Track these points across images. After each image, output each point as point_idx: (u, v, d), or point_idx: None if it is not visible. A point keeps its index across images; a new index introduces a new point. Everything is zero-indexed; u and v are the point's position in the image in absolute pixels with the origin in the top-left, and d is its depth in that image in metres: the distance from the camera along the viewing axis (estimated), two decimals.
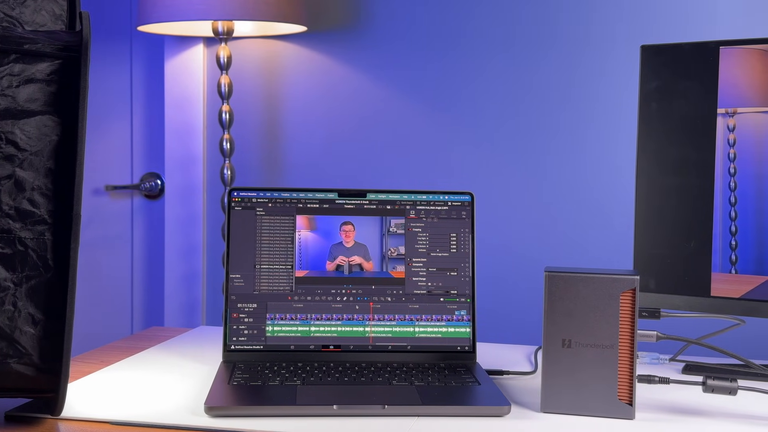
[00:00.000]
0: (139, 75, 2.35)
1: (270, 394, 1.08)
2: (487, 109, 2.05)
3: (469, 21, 2.05)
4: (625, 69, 1.93)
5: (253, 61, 2.21)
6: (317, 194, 1.28)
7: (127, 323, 2.41)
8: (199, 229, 2.28)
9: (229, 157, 2.10)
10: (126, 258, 2.39)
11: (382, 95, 2.12)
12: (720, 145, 1.31)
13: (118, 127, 2.37)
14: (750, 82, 1.30)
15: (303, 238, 1.27)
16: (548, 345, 1.06)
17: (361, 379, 1.14)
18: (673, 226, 1.33)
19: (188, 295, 2.29)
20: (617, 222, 1.93)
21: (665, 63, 1.34)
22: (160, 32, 2.11)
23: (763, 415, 1.07)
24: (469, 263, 1.27)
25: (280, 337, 1.24)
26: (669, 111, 1.34)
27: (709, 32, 1.87)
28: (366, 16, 2.12)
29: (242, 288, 1.25)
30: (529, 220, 2.03)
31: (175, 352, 1.36)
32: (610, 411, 1.05)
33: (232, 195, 1.27)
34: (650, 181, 1.35)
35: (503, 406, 1.05)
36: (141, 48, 2.34)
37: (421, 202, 1.28)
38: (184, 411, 1.05)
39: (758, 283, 1.29)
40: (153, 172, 2.36)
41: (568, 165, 2.00)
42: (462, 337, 1.25)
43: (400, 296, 1.26)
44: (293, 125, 2.19)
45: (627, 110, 1.93)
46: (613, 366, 1.05)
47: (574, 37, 1.97)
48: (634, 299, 1.05)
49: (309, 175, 2.19)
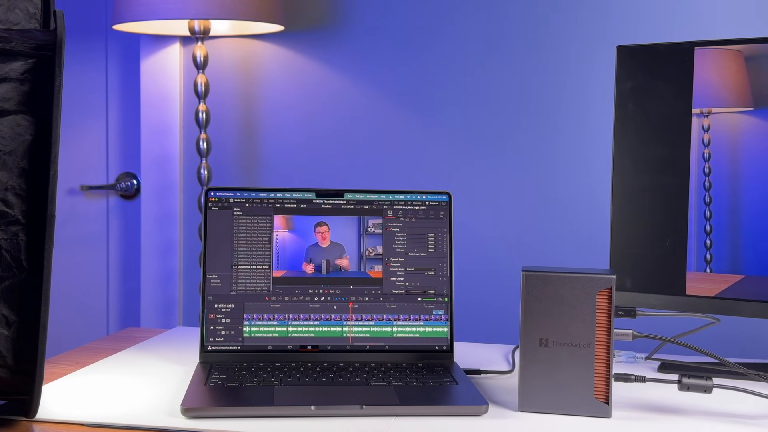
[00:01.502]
0: (114, 74, 2.33)
1: (247, 395, 1.08)
2: (465, 109, 2.05)
3: (447, 20, 2.05)
4: (602, 69, 1.94)
5: (230, 61, 2.20)
6: (294, 194, 1.28)
7: (102, 324, 2.39)
8: (176, 229, 2.26)
9: (205, 157, 2.09)
10: (101, 259, 2.37)
11: (359, 95, 2.12)
12: (695, 145, 1.32)
13: (94, 126, 2.35)
14: (724, 82, 1.31)
15: (280, 238, 1.27)
16: (525, 344, 1.07)
17: (338, 380, 1.14)
18: (649, 225, 1.34)
19: (164, 296, 2.27)
20: (594, 221, 1.94)
21: (640, 63, 1.35)
22: (135, 31, 2.10)
23: (737, 412, 1.08)
24: (447, 263, 1.28)
25: (258, 337, 1.24)
26: (644, 111, 1.35)
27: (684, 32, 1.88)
28: (344, 15, 2.12)
29: (219, 288, 1.25)
30: (506, 220, 2.04)
31: (152, 353, 1.35)
32: (586, 409, 1.05)
33: (209, 195, 1.27)
34: (626, 181, 1.36)
35: (481, 405, 1.05)
36: (116, 47, 2.32)
37: (398, 202, 1.28)
38: (160, 412, 1.04)
39: (732, 282, 1.30)
40: (129, 171, 2.34)
41: (545, 165, 2.01)
42: (440, 337, 1.26)
43: (377, 296, 1.26)
44: (270, 125, 2.19)
45: (604, 110, 1.94)
46: (590, 365, 1.05)
47: (552, 37, 1.98)
48: (610, 298, 1.05)
49: (286, 175, 2.18)
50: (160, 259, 2.27)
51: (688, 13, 1.89)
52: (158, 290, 2.28)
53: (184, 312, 2.28)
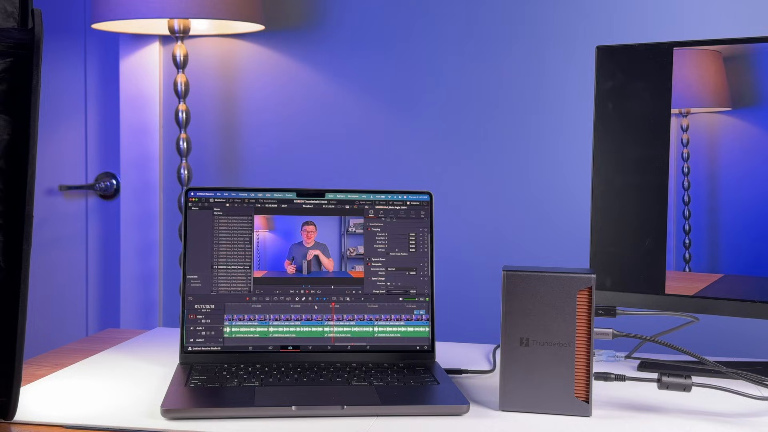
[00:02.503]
0: (93, 73, 2.32)
1: (228, 396, 1.07)
2: (446, 109, 2.05)
3: (427, 20, 2.05)
4: (581, 69, 1.95)
5: (210, 60, 2.19)
6: (275, 194, 1.27)
7: (81, 325, 2.37)
8: (156, 230, 2.25)
9: (185, 157, 2.08)
10: (80, 259, 2.36)
11: (340, 94, 2.12)
12: (674, 144, 1.33)
13: (72, 126, 2.33)
14: (703, 82, 1.32)
15: (261, 238, 1.26)
16: (506, 344, 1.07)
17: (320, 380, 1.14)
18: (629, 224, 1.35)
19: (144, 297, 2.26)
20: (574, 221, 1.95)
21: (620, 64, 1.35)
22: (114, 30, 2.08)
23: (716, 411, 1.09)
24: (428, 263, 1.28)
25: (238, 338, 1.23)
26: (624, 111, 1.36)
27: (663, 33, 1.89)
28: (324, 15, 2.12)
29: (199, 289, 1.24)
30: (487, 219, 2.04)
31: (131, 354, 1.34)
32: (567, 408, 1.06)
33: (189, 195, 1.26)
34: (606, 181, 1.37)
35: (462, 405, 1.05)
36: (95, 46, 2.31)
37: (379, 202, 1.28)
38: (140, 414, 1.04)
39: (711, 281, 1.31)
40: (108, 171, 2.33)
41: (526, 165, 2.01)
42: (421, 337, 1.26)
43: (359, 296, 1.26)
44: (251, 124, 2.18)
45: (584, 110, 1.95)
46: (570, 364, 1.06)
47: (532, 37, 1.99)
48: (590, 297, 1.06)
49: (267, 175, 2.17)
50: (139, 260, 2.26)
51: (667, 14, 1.90)
52: (138, 291, 2.26)
53: (164, 313, 2.27)
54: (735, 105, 1.29)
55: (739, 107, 1.29)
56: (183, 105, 2.06)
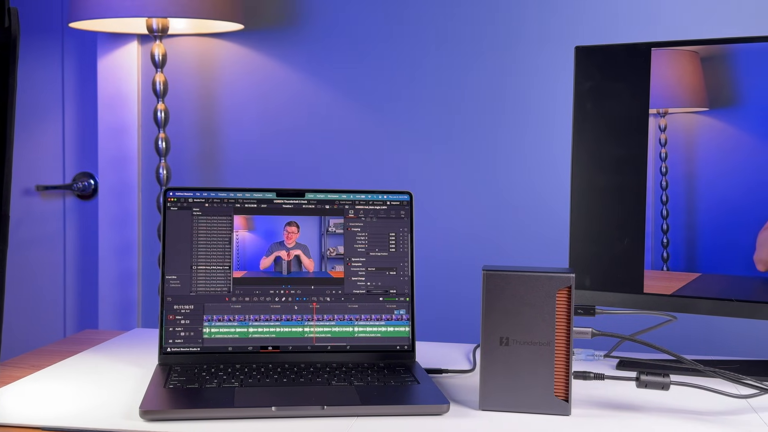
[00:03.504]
0: (71, 73, 2.30)
1: (207, 397, 1.07)
2: (425, 108, 2.05)
3: (405, 20, 2.05)
4: (560, 69, 1.96)
5: (189, 59, 2.18)
6: (255, 194, 1.27)
7: (59, 326, 2.36)
8: (134, 230, 2.24)
9: (164, 157, 2.07)
10: (58, 259, 2.34)
11: (319, 94, 2.11)
12: (652, 144, 1.34)
13: (50, 126, 2.31)
14: (680, 82, 1.33)
15: (241, 238, 1.26)
16: (486, 343, 1.07)
17: (300, 380, 1.14)
18: (607, 224, 1.36)
19: (123, 297, 2.25)
20: (553, 220, 1.96)
21: (598, 64, 1.36)
22: (92, 29, 2.07)
23: (694, 409, 1.10)
24: (408, 262, 1.28)
25: (218, 338, 1.23)
26: (603, 111, 1.36)
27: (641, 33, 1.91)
28: (303, 14, 2.11)
29: (178, 289, 1.24)
30: (467, 219, 2.05)
31: (110, 355, 1.33)
32: (546, 407, 1.06)
33: (168, 195, 1.25)
34: (585, 180, 1.37)
35: (442, 404, 1.06)
36: (73, 45, 2.29)
37: (359, 202, 1.28)
38: (118, 415, 1.03)
39: (689, 280, 1.32)
40: (86, 171, 2.31)
41: (505, 164, 2.02)
42: (401, 337, 1.26)
43: (339, 296, 1.26)
44: (230, 124, 2.17)
45: (563, 110, 1.95)
46: (550, 363, 1.06)
47: (510, 37, 1.99)
48: (569, 297, 1.06)
49: (246, 175, 2.17)
50: (118, 260, 2.24)
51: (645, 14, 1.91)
52: (116, 291, 2.25)
53: (142, 313, 2.26)
54: (712, 105, 1.30)
55: (716, 107, 1.30)
56: (162, 104, 2.05)
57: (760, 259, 1.27)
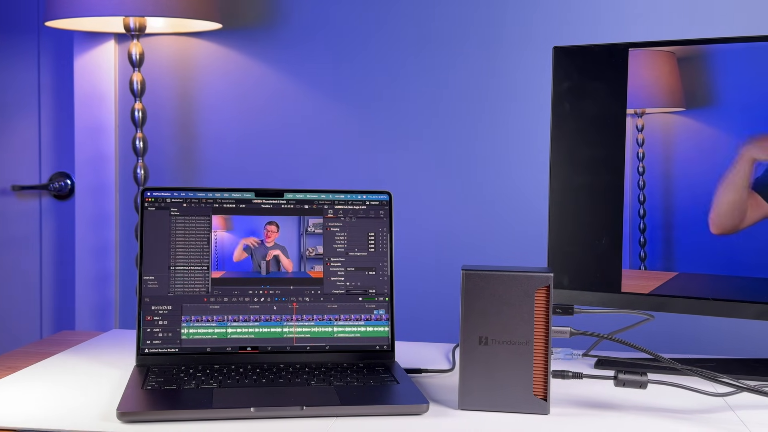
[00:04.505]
0: (47, 72, 2.28)
1: (185, 398, 1.06)
2: (404, 108, 2.05)
3: (385, 19, 2.05)
4: (540, 68, 1.97)
5: (167, 58, 2.17)
6: (233, 194, 1.27)
7: (35, 327, 2.34)
8: (112, 230, 2.22)
9: (142, 156, 2.05)
10: (34, 260, 2.32)
11: (298, 93, 2.11)
12: (629, 144, 1.35)
13: (26, 125, 2.29)
14: (657, 83, 1.33)
15: (219, 238, 1.25)
16: (465, 343, 1.07)
17: (279, 381, 1.13)
18: (585, 223, 1.36)
19: (100, 298, 2.23)
20: (532, 220, 1.97)
21: (576, 64, 1.37)
22: (69, 28, 2.05)
23: (671, 407, 1.11)
24: (387, 262, 1.28)
25: (196, 339, 1.22)
26: (581, 111, 1.37)
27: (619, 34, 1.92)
28: (282, 13, 2.10)
29: (156, 290, 1.23)
30: (446, 219, 2.05)
31: (87, 356, 1.32)
32: (525, 406, 1.06)
33: (146, 195, 1.25)
34: (563, 180, 1.38)
35: (421, 404, 1.06)
36: (49, 44, 2.27)
37: (339, 202, 1.28)
38: (95, 417, 1.02)
39: (666, 279, 1.33)
40: (62, 171, 2.29)
41: (485, 164, 2.02)
42: (380, 336, 1.26)
43: (318, 296, 1.26)
44: (208, 124, 2.16)
45: (541, 110, 1.96)
46: (529, 362, 1.06)
47: (489, 37, 2.00)
48: (548, 296, 1.07)
49: (225, 175, 2.16)
50: (95, 261, 2.22)
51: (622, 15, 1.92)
52: (93, 292, 2.23)
53: (120, 314, 2.24)
54: (689, 105, 1.31)
55: (693, 107, 1.31)
56: (139, 104, 2.04)
57: (714, 223, 1.28)
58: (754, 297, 1.27)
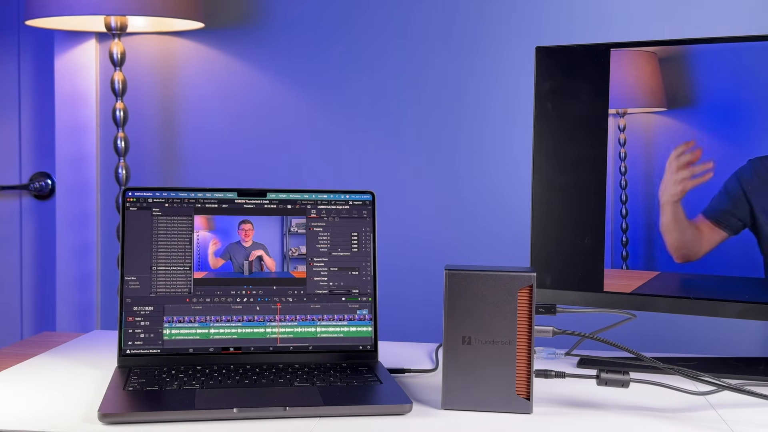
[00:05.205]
0: (27, 71, 2.26)
1: (167, 399, 1.06)
2: (386, 108, 2.05)
3: (366, 18, 2.05)
4: (522, 68, 1.97)
5: (148, 58, 2.16)
6: (216, 194, 1.26)
7: (16, 328, 2.32)
8: (93, 230, 2.21)
9: (123, 156, 2.04)
10: (15, 260, 2.30)
11: (281, 93, 2.10)
12: (611, 144, 1.35)
13: (6, 125, 2.27)
14: (639, 83, 1.34)
15: (201, 238, 1.25)
16: (448, 342, 1.08)
17: (261, 381, 1.13)
18: (568, 223, 1.37)
19: (82, 299, 2.22)
20: (515, 220, 1.97)
21: (558, 64, 1.37)
22: (49, 27, 2.04)
23: (653, 406, 1.11)
24: (371, 262, 1.27)
25: (178, 340, 1.22)
26: (563, 111, 1.37)
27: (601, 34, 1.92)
28: (263, 13, 2.10)
29: (138, 290, 1.22)
30: (429, 219, 2.05)
31: (68, 357, 1.31)
32: (508, 406, 1.07)
33: (127, 195, 1.24)
34: (546, 180, 1.38)
35: (405, 404, 1.06)
36: (29, 43, 2.25)
37: (322, 202, 1.28)
38: (76, 418, 1.01)
39: (648, 278, 1.33)
40: (43, 171, 2.27)
41: (467, 163, 2.03)
42: (364, 336, 1.25)
43: (301, 296, 1.25)
44: (190, 123, 2.15)
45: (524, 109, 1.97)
46: (512, 362, 1.07)
47: (471, 37, 2.00)
48: (531, 296, 1.07)
49: (207, 175, 2.15)
50: (76, 261, 2.21)
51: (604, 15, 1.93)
52: (75, 293, 2.22)
53: (102, 315, 2.23)
54: (670, 105, 1.32)
55: (674, 107, 1.32)
56: (120, 103, 2.03)
57: (672, 251, 1.29)
58: (735, 296, 1.28)
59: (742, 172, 1.27)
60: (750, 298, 1.27)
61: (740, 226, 1.27)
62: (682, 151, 1.27)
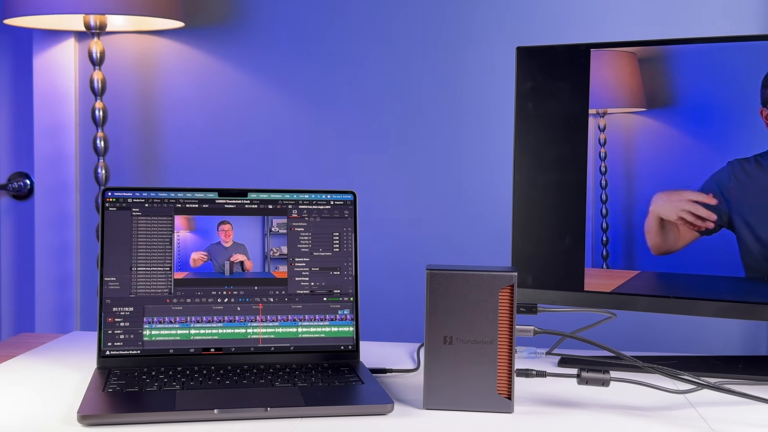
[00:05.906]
0: (5, 70, 2.24)
1: (147, 401, 1.05)
2: (369, 107, 2.05)
3: (349, 18, 2.05)
4: (502, 68, 1.98)
5: (128, 57, 2.14)
6: (196, 194, 1.25)
7: None
8: (72, 230, 2.19)
9: (103, 156, 2.03)
10: None
11: (261, 92, 2.10)
12: (591, 144, 1.36)
13: None
14: (619, 83, 1.35)
15: (182, 239, 1.24)
16: (430, 342, 1.08)
17: (243, 382, 1.13)
18: (549, 223, 1.37)
19: (61, 299, 2.20)
20: (496, 219, 1.98)
21: (539, 64, 1.37)
22: (28, 26, 2.02)
23: (633, 404, 1.12)
24: (352, 262, 1.27)
25: (159, 341, 1.21)
26: (544, 111, 1.38)
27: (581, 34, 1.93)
28: (244, 12, 2.09)
29: (118, 291, 1.21)
30: (410, 219, 2.05)
31: (47, 359, 1.30)
32: (490, 405, 1.07)
33: (107, 195, 1.23)
34: (526, 180, 1.39)
35: (386, 404, 1.06)
36: (7, 42, 2.24)
37: (303, 202, 1.28)
38: (55, 420, 1.01)
39: (628, 277, 1.34)
40: (21, 171, 2.26)
41: (449, 163, 2.03)
42: (345, 337, 1.25)
43: (282, 297, 1.25)
44: (170, 123, 2.14)
45: (505, 109, 1.97)
46: (493, 361, 1.07)
47: (453, 36, 2.00)
48: (512, 295, 1.07)
49: (188, 175, 2.14)
50: (55, 262, 2.19)
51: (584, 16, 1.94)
52: (54, 294, 2.20)
53: (81, 316, 2.22)
54: (650, 105, 1.33)
55: (654, 108, 1.32)
56: (100, 103, 2.01)
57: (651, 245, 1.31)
58: (714, 295, 1.29)
59: (720, 174, 1.27)
60: (730, 297, 1.28)
61: (716, 228, 1.28)
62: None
